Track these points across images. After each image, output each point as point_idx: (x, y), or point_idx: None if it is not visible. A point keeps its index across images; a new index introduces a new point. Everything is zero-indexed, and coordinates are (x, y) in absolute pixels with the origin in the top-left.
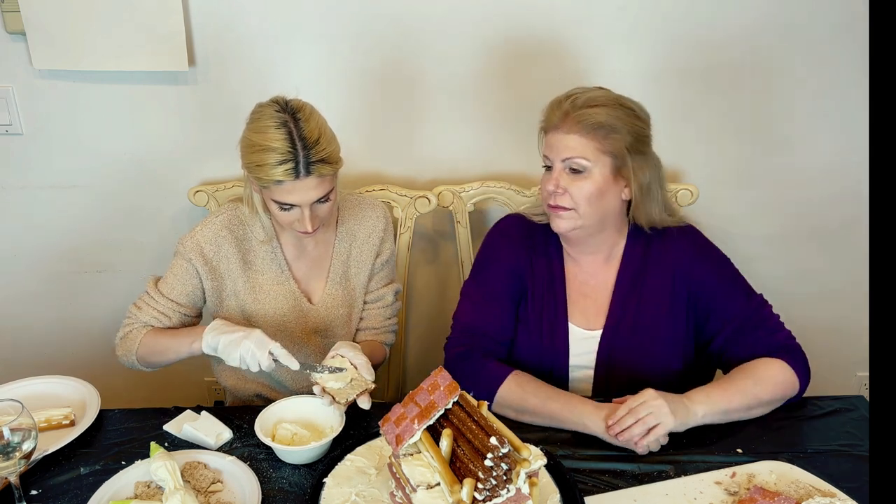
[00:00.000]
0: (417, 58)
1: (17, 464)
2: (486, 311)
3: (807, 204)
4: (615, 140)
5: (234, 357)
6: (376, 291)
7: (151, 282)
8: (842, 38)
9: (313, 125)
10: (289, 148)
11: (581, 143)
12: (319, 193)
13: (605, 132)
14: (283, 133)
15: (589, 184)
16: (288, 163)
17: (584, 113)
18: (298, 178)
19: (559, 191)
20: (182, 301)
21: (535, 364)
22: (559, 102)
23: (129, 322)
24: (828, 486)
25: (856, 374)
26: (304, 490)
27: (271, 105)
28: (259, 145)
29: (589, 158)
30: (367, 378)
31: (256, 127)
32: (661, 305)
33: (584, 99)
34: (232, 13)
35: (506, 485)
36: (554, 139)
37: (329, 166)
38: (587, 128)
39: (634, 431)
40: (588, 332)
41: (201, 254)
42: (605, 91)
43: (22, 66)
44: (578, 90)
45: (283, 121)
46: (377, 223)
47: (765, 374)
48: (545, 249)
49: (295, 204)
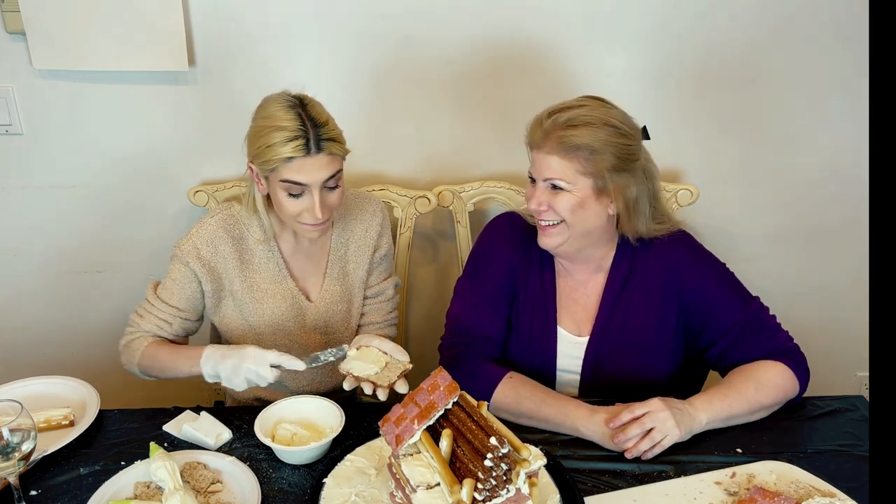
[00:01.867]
0: (417, 58)
1: (17, 464)
2: (480, 311)
3: (807, 204)
4: (597, 161)
5: (240, 384)
6: (376, 286)
7: (151, 288)
8: (842, 38)
9: (320, 110)
10: (299, 125)
11: (561, 165)
12: (329, 172)
13: (585, 154)
14: (293, 114)
15: (569, 197)
16: (299, 139)
17: (565, 135)
18: (309, 154)
19: (542, 207)
20: (182, 306)
21: (524, 365)
22: (540, 120)
23: (132, 330)
24: (828, 487)
25: (856, 374)
26: (303, 490)
27: (279, 94)
28: (269, 126)
29: (568, 180)
30: (401, 359)
31: (265, 113)
32: (649, 313)
33: (565, 118)
34: (232, 13)
35: (505, 485)
36: (536, 158)
37: (338, 146)
38: (567, 149)
39: (641, 447)
40: (577, 337)
41: (198, 256)
42: (590, 105)
43: (22, 66)
44: (562, 106)
45: (292, 104)
46: (374, 218)
47: (765, 378)
48: (539, 252)
49: (305, 183)
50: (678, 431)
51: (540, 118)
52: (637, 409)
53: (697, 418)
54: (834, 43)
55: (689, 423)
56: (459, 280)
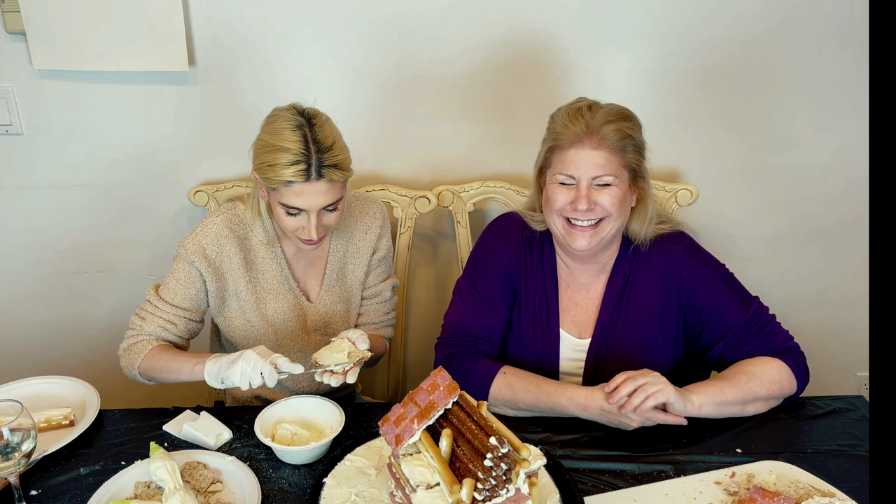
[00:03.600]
0: (418, 58)
1: (17, 464)
2: (478, 313)
3: (807, 204)
4: (631, 153)
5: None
6: (374, 287)
7: (151, 290)
8: (842, 37)
9: (328, 131)
10: (302, 149)
11: (608, 160)
12: (328, 200)
13: (623, 146)
14: (298, 135)
15: (615, 191)
16: (300, 164)
17: (608, 128)
18: (309, 181)
19: (592, 205)
20: (186, 306)
21: (526, 368)
22: (578, 116)
23: (133, 334)
24: (827, 486)
25: (856, 374)
26: (303, 490)
27: (288, 109)
28: (273, 145)
29: (616, 174)
30: (361, 348)
31: (272, 129)
32: (650, 314)
33: (602, 114)
34: (232, 13)
35: (505, 485)
36: (577, 156)
37: (340, 172)
38: (612, 144)
39: (634, 401)
40: (579, 340)
41: (204, 255)
42: (609, 103)
43: (22, 66)
44: (587, 103)
45: (298, 124)
46: (374, 220)
47: (759, 370)
48: (540, 255)
49: (302, 208)
50: (671, 388)
51: (576, 115)
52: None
53: (690, 398)
54: (834, 43)
55: (682, 394)
56: (459, 281)
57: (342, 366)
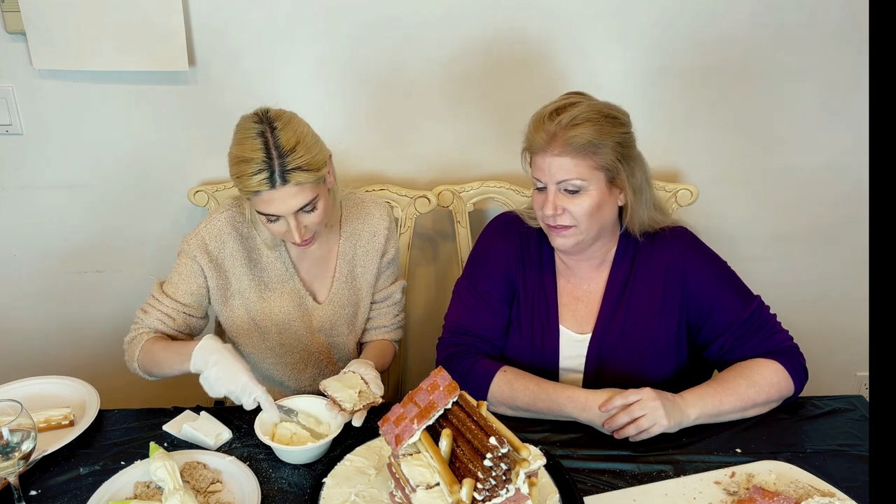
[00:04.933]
0: (417, 58)
1: (17, 464)
2: (478, 313)
3: (807, 204)
4: (605, 154)
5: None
6: (385, 290)
7: (156, 285)
8: (841, 38)
9: (290, 133)
10: (263, 157)
11: (573, 164)
12: (300, 202)
13: (594, 149)
14: (259, 143)
15: (587, 199)
16: (263, 172)
17: (572, 134)
18: (275, 188)
19: (558, 212)
20: (186, 301)
21: (527, 365)
22: (541, 123)
23: (136, 327)
24: (827, 486)
25: (856, 374)
26: (303, 490)
27: (251, 117)
28: (237, 157)
29: (584, 178)
30: (375, 392)
31: (236, 139)
32: (651, 309)
33: (568, 118)
34: (232, 13)
35: (505, 485)
36: (543, 162)
37: (306, 174)
38: (577, 148)
39: (628, 432)
40: (579, 335)
41: (206, 251)
42: (585, 101)
43: (22, 66)
44: (556, 107)
45: (259, 131)
46: (381, 222)
47: (758, 375)
48: (538, 252)
49: (277, 214)
50: (666, 422)
51: (539, 122)
52: (630, 395)
53: (686, 412)
54: (834, 43)
55: (678, 416)
56: (458, 281)
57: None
